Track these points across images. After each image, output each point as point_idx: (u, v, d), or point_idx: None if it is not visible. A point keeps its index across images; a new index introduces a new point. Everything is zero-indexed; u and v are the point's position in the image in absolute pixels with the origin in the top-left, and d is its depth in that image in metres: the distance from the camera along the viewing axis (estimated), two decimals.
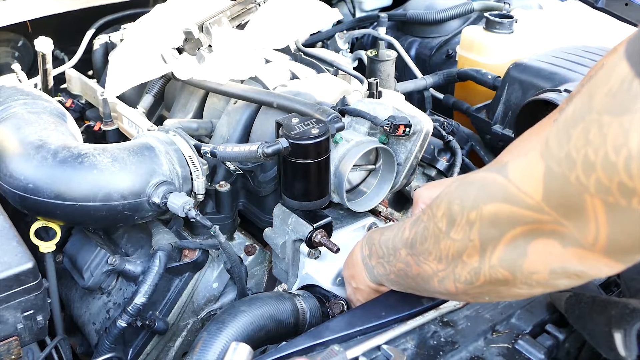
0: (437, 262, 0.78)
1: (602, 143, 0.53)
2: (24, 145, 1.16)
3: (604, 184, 0.54)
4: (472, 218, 0.69)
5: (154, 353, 1.33)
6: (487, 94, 1.76)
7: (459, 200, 0.72)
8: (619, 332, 0.76)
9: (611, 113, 0.53)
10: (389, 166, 1.28)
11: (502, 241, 0.67)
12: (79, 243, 1.39)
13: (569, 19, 1.96)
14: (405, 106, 1.28)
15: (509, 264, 0.68)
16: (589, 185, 0.55)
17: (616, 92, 0.53)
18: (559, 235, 0.62)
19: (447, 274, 0.77)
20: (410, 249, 0.84)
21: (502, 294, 0.74)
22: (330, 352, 0.81)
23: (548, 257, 0.64)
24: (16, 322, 0.99)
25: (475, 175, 0.73)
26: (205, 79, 1.38)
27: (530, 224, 0.64)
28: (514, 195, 0.64)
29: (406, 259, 0.86)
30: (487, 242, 0.69)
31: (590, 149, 0.54)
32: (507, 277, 0.69)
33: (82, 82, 1.67)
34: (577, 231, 0.60)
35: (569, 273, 0.64)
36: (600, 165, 0.54)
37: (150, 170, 1.18)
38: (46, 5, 1.69)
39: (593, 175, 0.54)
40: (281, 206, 1.26)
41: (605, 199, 0.55)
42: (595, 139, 0.54)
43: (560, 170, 0.58)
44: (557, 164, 0.59)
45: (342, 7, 2.45)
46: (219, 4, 1.56)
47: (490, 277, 0.71)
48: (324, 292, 1.18)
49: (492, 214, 0.67)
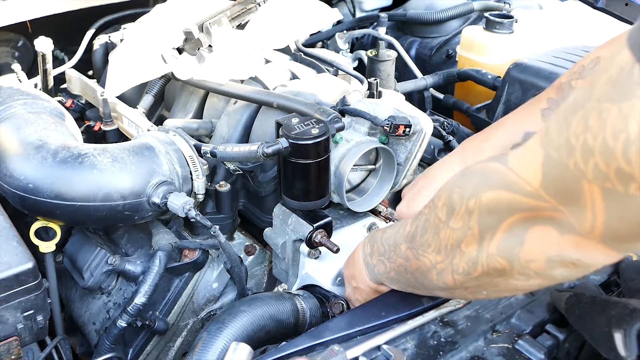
0: (435, 253, 0.78)
1: (601, 129, 0.53)
2: (24, 145, 1.16)
3: (602, 170, 0.54)
4: (471, 206, 0.70)
5: (154, 353, 1.33)
6: (487, 94, 1.76)
7: (459, 189, 0.73)
8: (619, 332, 0.76)
9: (611, 100, 0.53)
10: (389, 166, 1.28)
11: (500, 228, 0.68)
12: (79, 243, 1.39)
13: (569, 19, 1.95)
14: (405, 106, 1.28)
15: (506, 252, 0.68)
16: (587, 171, 0.55)
17: (616, 79, 0.53)
18: (556, 222, 0.63)
19: (445, 266, 0.77)
20: (411, 242, 0.84)
21: (500, 286, 0.75)
22: (330, 352, 0.81)
23: (545, 244, 0.65)
24: (16, 322, 0.99)
25: (475, 166, 0.74)
26: (205, 79, 1.38)
27: (528, 211, 0.64)
28: (513, 182, 0.65)
29: (406, 254, 0.86)
30: (486, 229, 0.69)
31: (589, 135, 0.54)
32: (504, 267, 0.70)
33: (82, 82, 1.67)
34: (574, 218, 0.60)
35: (566, 261, 0.65)
36: (598, 150, 0.54)
37: (150, 170, 1.18)
38: (46, 5, 1.69)
39: (591, 161, 0.55)
40: (281, 206, 1.26)
41: (602, 185, 0.55)
42: (594, 125, 0.54)
43: (559, 157, 0.59)
44: (556, 150, 0.59)
45: (342, 7, 2.45)
46: (219, 4, 1.56)
47: (487, 267, 0.71)
48: (324, 292, 1.18)
49: (490, 201, 0.68)
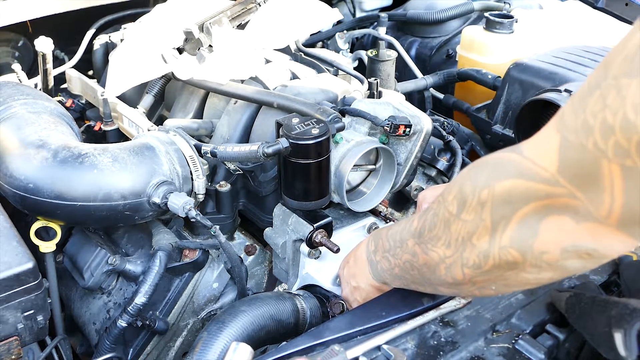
0: (445, 247, 0.77)
1: (621, 105, 0.53)
2: (24, 145, 1.16)
3: (623, 146, 0.54)
4: (483, 197, 0.68)
5: (154, 353, 1.33)
6: (487, 94, 1.76)
7: (471, 181, 0.71)
8: (619, 332, 0.76)
9: (629, 75, 0.53)
10: (389, 166, 1.28)
11: (513, 219, 0.66)
12: (79, 243, 1.39)
13: (569, 19, 1.95)
14: (406, 106, 1.28)
15: (519, 243, 0.67)
16: (607, 149, 0.55)
17: (633, 56, 0.53)
18: (572, 210, 0.61)
19: (455, 260, 0.76)
20: (419, 238, 0.83)
21: (509, 280, 0.73)
22: (331, 352, 0.81)
23: (560, 234, 0.64)
24: (16, 322, 0.99)
25: (488, 157, 0.72)
26: (205, 79, 1.38)
27: (543, 199, 0.63)
28: (529, 169, 0.63)
29: (413, 249, 0.84)
30: (499, 220, 0.68)
31: (608, 113, 0.54)
32: (516, 259, 0.68)
33: (82, 82, 1.67)
34: (591, 203, 0.59)
35: (581, 252, 0.64)
36: (619, 126, 0.53)
37: (151, 170, 1.18)
38: (46, 5, 1.69)
39: (612, 138, 0.54)
40: (281, 206, 1.26)
41: (622, 163, 0.54)
42: (613, 102, 0.53)
43: (576, 140, 0.58)
44: (573, 133, 0.58)
45: (342, 7, 2.45)
46: (219, 4, 1.56)
47: (499, 260, 0.70)
48: (324, 292, 1.18)
49: (505, 191, 0.66)
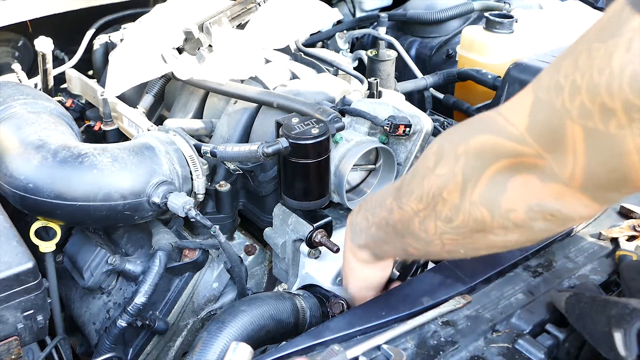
0: (417, 201, 0.78)
1: (589, 67, 0.55)
2: (24, 145, 1.16)
3: (587, 107, 0.56)
4: (459, 152, 0.71)
5: (154, 353, 1.33)
6: (487, 94, 1.76)
7: (450, 137, 0.74)
8: (619, 332, 0.76)
9: (600, 39, 0.55)
10: (389, 166, 1.28)
11: (483, 176, 0.68)
12: (79, 243, 1.39)
13: (569, 19, 1.95)
14: (405, 106, 1.28)
15: (488, 200, 0.69)
16: (572, 109, 0.57)
17: (607, 21, 0.55)
18: (539, 170, 0.64)
19: (428, 213, 0.77)
20: (397, 192, 0.84)
21: (478, 243, 0.75)
22: (330, 352, 0.81)
23: (526, 192, 0.66)
24: (16, 322, 0.99)
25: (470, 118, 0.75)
26: (205, 79, 1.38)
27: (512, 157, 0.65)
28: (501, 126, 0.66)
29: (390, 206, 0.85)
30: (469, 176, 0.70)
31: (577, 74, 0.56)
32: (485, 217, 0.70)
33: (82, 82, 1.67)
34: (556, 164, 0.61)
35: (545, 212, 0.66)
36: (585, 87, 0.55)
37: (151, 170, 1.18)
38: (46, 5, 1.69)
39: (578, 98, 0.56)
40: (281, 206, 1.26)
41: (585, 124, 0.57)
42: (583, 64, 0.56)
43: (547, 98, 0.60)
44: (545, 92, 0.60)
45: (342, 7, 2.45)
46: (219, 4, 1.56)
47: (469, 216, 0.71)
48: (324, 292, 1.18)
49: (478, 146, 0.68)
